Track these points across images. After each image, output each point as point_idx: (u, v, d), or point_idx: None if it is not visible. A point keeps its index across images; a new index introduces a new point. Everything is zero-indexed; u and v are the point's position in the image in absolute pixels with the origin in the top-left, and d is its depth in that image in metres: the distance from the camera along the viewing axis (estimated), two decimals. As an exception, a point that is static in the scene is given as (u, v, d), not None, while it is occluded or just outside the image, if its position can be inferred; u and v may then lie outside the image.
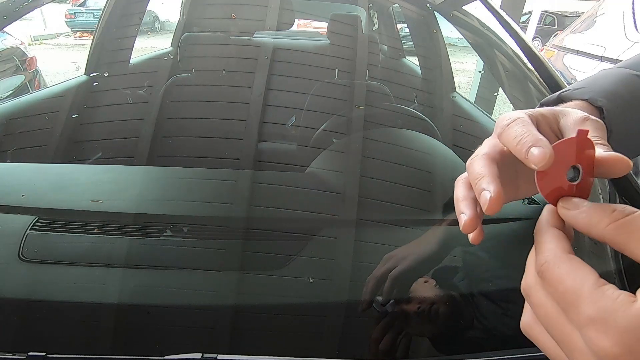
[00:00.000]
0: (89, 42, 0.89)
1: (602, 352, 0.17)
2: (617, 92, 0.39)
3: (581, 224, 0.22)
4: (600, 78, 0.41)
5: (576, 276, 0.20)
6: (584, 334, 0.18)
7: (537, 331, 0.22)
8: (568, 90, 0.40)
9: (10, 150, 0.63)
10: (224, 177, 0.61)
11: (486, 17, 0.93)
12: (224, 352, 0.39)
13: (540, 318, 0.21)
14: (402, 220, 0.56)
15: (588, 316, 0.18)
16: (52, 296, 0.47)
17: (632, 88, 0.40)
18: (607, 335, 0.17)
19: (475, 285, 0.51)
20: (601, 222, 0.21)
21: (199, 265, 0.51)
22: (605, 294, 0.18)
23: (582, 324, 0.18)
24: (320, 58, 0.92)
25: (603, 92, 0.39)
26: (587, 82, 0.41)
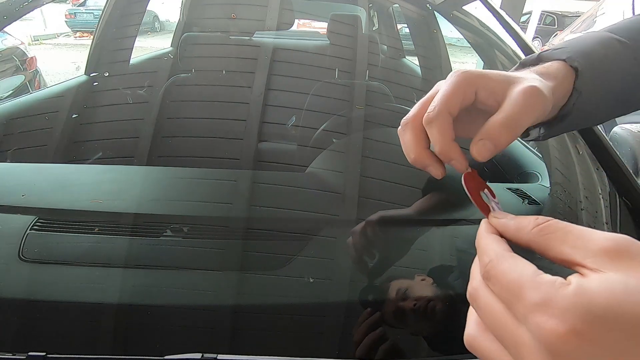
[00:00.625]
0: (89, 42, 0.89)
1: (548, 334, 0.18)
2: (594, 54, 0.39)
3: (511, 230, 0.24)
4: (582, 39, 0.41)
5: (517, 268, 0.21)
6: (530, 322, 0.19)
7: (482, 341, 0.23)
8: (548, 50, 0.39)
9: (10, 150, 0.63)
10: (224, 177, 0.61)
11: (486, 17, 0.93)
12: (224, 352, 0.39)
13: (486, 321, 0.22)
14: (402, 221, 0.56)
15: (532, 302, 0.19)
16: (52, 296, 0.47)
17: (610, 51, 0.40)
18: (552, 317, 0.18)
19: (453, 283, 0.51)
20: (527, 226, 0.23)
21: (199, 265, 0.51)
22: (545, 280, 0.20)
23: (528, 311, 0.19)
24: (320, 58, 0.92)
25: (581, 52, 0.38)
26: (569, 43, 0.40)
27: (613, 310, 0.18)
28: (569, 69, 0.37)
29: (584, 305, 0.18)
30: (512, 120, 0.29)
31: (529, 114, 0.29)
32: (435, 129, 0.30)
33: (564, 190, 0.64)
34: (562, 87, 0.36)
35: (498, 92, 0.30)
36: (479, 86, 0.31)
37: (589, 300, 0.18)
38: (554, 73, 0.36)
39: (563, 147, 0.70)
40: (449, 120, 0.30)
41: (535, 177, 0.69)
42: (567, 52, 0.38)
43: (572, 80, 0.37)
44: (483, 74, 0.32)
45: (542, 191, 0.65)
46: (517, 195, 0.64)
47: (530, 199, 0.62)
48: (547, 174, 0.67)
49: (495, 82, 0.31)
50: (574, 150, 0.68)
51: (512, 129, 0.29)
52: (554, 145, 0.70)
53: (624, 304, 0.18)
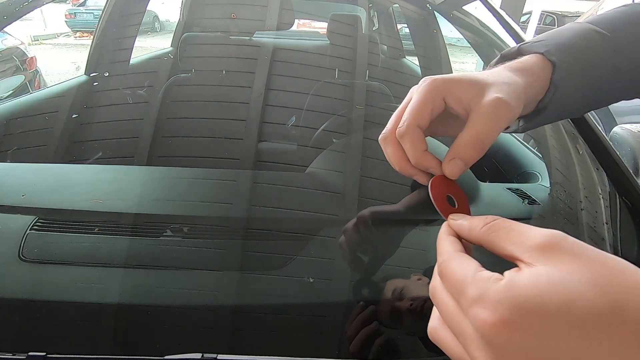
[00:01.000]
0: (89, 42, 0.89)
1: (482, 325, 0.20)
2: (574, 46, 0.39)
3: (465, 230, 0.26)
4: (563, 31, 0.41)
5: (462, 267, 0.23)
6: (469, 315, 0.21)
7: (442, 334, 0.24)
8: (528, 42, 0.39)
9: (10, 150, 0.63)
10: (224, 177, 0.61)
11: (486, 17, 0.93)
12: (224, 352, 0.39)
13: (443, 315, 0.24)
14: (402, 221, 0.56)
15: (471, 297, 0.21)
16: (52, 296, 0.47)
17: (590, 43, 0.40)
18: (485, 309, 0.20)
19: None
20: (477, 226, 0.25)
21: (199, 265, 0.51)
22: (482, 276, 0.22)
23: (468, 305, 0.21)
24: (320, 58, 0.92)
25: (560, 45, 0.38)
26: (549, 35, 0.40)
27: (536, 301, 0.19)
28: (546, 63, 0.37)
29: (512, 297, 0.20)
30: (479, 139, 0.30)
31: (495, 129, 0.30)
32: (407, 143, 0.32)
33: (564, 190, 0.64)
34: (539, 81, 0.36)
35: (465, 100, 0.32)
36: (447, 94, 0.32)
37: (516, 293, 0.20)
38: (530, 68, 0.36)
39: (563, 147, 0.70)
40: (419, 133, 0.32)
41: (535, 177, 0.69)
42: (546, 46, 0.38)
43: (549, 74, 0.37)
44: (450, 80, 0.33)
45: (542, 191, 0.65)
46: (517, 195, 0.64)
47: (530, 199, 0.62)
48: (547, 174, 0.67)
49: (462, 90, 0.32)
50: (574, 150, 0.68)
51: (480, 146, 0.30)
52: (554, 145, 0.70)
53: (546, 294, 0.19)
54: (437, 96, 0.32)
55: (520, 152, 0.80)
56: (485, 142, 0.30)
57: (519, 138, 0.85)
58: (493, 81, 0.32)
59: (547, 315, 0.18)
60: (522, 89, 0.33)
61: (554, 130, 0.73)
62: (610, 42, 0.40)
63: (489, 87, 0.31)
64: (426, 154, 0.32)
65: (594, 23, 0.42)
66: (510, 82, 0.33)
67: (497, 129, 0.30)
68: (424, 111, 0.32)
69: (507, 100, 0.30)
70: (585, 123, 0.69)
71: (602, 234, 0.61)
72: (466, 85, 0.32)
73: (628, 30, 0.41)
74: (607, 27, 0.41)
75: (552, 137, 0.72)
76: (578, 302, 0.18)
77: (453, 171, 0.31)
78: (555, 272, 0.19)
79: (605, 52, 0.40)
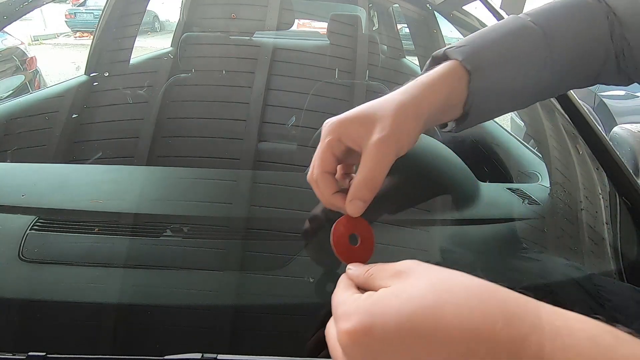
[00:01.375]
0: (89, 42, 0.89)
1: (340, 334, 0.24)
2: (499, 47, 0.40)
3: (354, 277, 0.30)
4: (493, 30, 0.42)
5: (342, 294, 0.27)
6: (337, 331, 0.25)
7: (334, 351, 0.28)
8: (452, 47, 0.40)
9: (10, 150, 0.63)
10: (224, 177, 0.61)
11: (486, 17, 0.93)
12: (224, 352, 0.39)
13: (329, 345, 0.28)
14: (402, 221, 0.56)
15: (339, 315, 0.25)
16: (52, 296, 0.47)
17: (519, 41, 0.40)
18: (345, 320, 0.24)
19: None
20: (361, 274, 0.29)
21: (199, 265, 0.51)
22: (353, 297, 0.26)
23: (337, 324, 0.25)
24: (320, 58, 0.92)
25: (482, 49, 0.39)
26: (476, 37, 0.41)
27: (380, 308, 0.23)
28: (464, 71, 0.38)
29: (363, 306, 0.24)
30: (370, 181, 0.33)
31: (382, 169, 0.34)
32: (317, 188, 0.36)
33: (564, 190, 0.64)
34: (458, 90, 0.38)
35: (357, 140, 0.35)
36: (341, 136, 0.35)
37: (368, 302, 0.24)
38: (447, 78, 0.38)
39: (563, 147, 0.70)
40: (326, 177, 0.36)
41: (535, 177, 0.69)
42: (464, 53, 0.38)
43: (467, 82, 0.38)
44: (342, 123, 0.35)
45: (542, 191, 0.65)
46: (517, 195, 0.64)
47: (530, 199, 0.62)
48: (547, 174, 0.67)
49: (353, 131, 0.35)
50: (574, 150, 0.68)
51: (372, 186, 0.34)
52: (554, 145, 0.70)
53: (388, 300, 0.23)
54: (334, 141, 0.36)
55: (520, 152, 0.80)
56: (376, 182, 0.34)
57: (519, 138, 0.85)
58: (382, 115, 0.34)
59: (390, 321, 0.22)
60: (422, 108, 0.36)
61: (554, 130, 0.73)
62: (543, 36, 0.40)
63: (375, 125, 0.34)
64: (335, 196, 0.35)
65: (530, 15, 0.42)
66: (404, 108, 0.35)
67: (385, 167, 0.34)
68: (326, 158, 0.36)
69: (389, 139, 0.33)
70: (585, 123, 0.69)
71: (602, 234, 0.61)
72: (356, 125, 0.35)
73: (561, 23, 0.42)
74: (542, 20, 0.41)
75: (552, 137, 0.72)
76: (411, 304, 0.22)
77: (355, 211, 0.34)
78: (400, 286, 0.24)
79: (536, 47, 0.40)
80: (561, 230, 0.61)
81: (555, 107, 0.74)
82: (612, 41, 0.43)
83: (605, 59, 0.44)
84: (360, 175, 0.34)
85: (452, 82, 0.38)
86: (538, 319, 0.20)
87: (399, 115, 0.34)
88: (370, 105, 0.36)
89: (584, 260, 0.57)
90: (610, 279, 0.56)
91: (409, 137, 0.35)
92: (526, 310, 0.21)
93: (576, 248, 0.59)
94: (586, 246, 0.58)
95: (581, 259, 0.57)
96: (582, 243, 0.59)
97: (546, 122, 0.75)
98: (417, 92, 0.36)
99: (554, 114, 0.75)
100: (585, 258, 0.57)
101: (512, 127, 1.90)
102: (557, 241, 0.60)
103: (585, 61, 0.43)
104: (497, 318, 0.20)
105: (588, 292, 0.52)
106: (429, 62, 0.42)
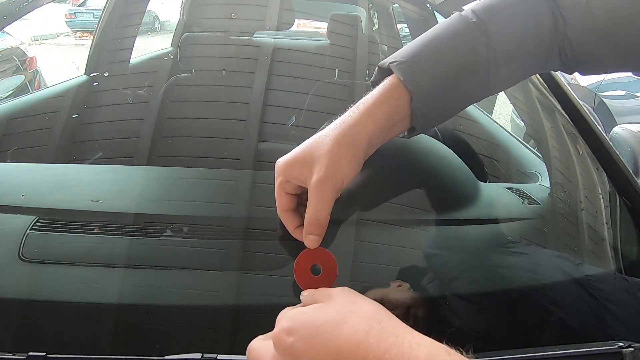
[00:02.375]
0: (89, 42, 0.89)
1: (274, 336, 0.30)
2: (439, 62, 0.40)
3: (303, 298, 0.36)
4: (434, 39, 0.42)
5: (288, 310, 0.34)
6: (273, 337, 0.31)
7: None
8: (396, 61, 0.40)
9: (10, 150, 0.63)
10: (224, 177, 0.61)
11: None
12: (224, 352, 0.39)
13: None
14: (402, 220, 0.56)
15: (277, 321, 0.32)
16: (52, 296, 0.47)
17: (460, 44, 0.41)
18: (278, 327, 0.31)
19: (447, 285, 0.51)
20: (308, 296, 0.35)
21: (199, 265, 0.51)
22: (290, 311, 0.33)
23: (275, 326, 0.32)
24: (320, 58, 0.92)
25: (423, 66, 0.40)
26: (417, 50, 0.41)
27: (300, 317, 0.30)
28: (406, 89, 0.39)
29: (291, 316, 0.31)
30: (317, 219, 0.37)
31: (325, 206, 0.37)
32: (283, 222, 0.41)
33: (564, 190, 0.64)
34: (402, 106, 0.40)
35: (302, 179, 0.38)
36: (288, 178, 0.39)
37: (296, 313, 0.31)
38: (390, 100, 0.39)
39: (563, 147, 0.70)
40: (286, 215, 0.40)
41: (535, 177, 0.69)
42: (405, 72, 0.39)
43: (409, 99, 0.39)
44: (286, 165, 0.39)
45: (542, 191, 0.65)
46: (517, 195, 0.64)
47: (530, 199, 0.62)
48: (547, 174, 0.67)
49: (296, 172, 0.38)
50: (574, 150, 0.68)
51: (320, 223, 0.37)
52: (553, 145, 0.70)
53: (307, 313, 0.30)
54: (284, 182, 0.39)
55: (520, 152, 0.80)
56: (322, 219, 0.37)
57: (519, 138, 0.85)
58: (319, 155, 0.37)
59: (302, 323, 0.29)
60: (360, 138, 0.38)
61: (554, 130, 0.73)
62: (487, 39, 0.41)
63: (314, 165, 0.37)
64: (297, 230, 0.40)
65: (476, 13, 0.42)
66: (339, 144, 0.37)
67: (328, 205, 0.37)
68: (281, 199, 0.40)
69: (326, 179, 0.36)
70: (585, 123, 0.69)
71: (602, 234, 0.61)
72: (298, 166, 0.38)
73: (507, 20, 0.42)
74: (486, 17, 0.42)
75: (552, 137, 0.72)
76: (321, 318, 0.29)
77: (311, 244, 0.38)
78: (322, 305, 0.31)
79: (479, 54, 0.41)
80: (561, 230, 0.61)
81: (555, 107, 0.74)
82: (556, 36, 0.43)
83: (549, 54, 0.44)
84: (307, 214, 0.37)
85: (394, 102, 0.39)
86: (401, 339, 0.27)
87: (333, 155, 0.37)
88: (310, 144, 0.39)
89: (583, 260, 0.57)
90: (599, 269, 0.56)
91: (347, 170, 0.38)
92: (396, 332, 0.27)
93: (576, 248, 0.59)
94: (586, 246, 0.59)
95: (581, 259, 0.57)
96: (582, 243, 0.59)
97: (546, 122, 0.75)
98: (355, 122, 0.38)
99: (554, 114, 0.75)
100: (585, 258, 0.58)
101: (512, 127, 1.90)
102: (557, 241, 0.60)
103: (530, 57, 0.44)
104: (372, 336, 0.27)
105: (580, 284, 0.52)
106: (376, 72, 0.43)
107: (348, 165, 0.38)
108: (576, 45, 0.43)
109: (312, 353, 0.27)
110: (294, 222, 0.40)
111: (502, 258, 0.56)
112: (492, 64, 0.41)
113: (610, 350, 0.41)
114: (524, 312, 0.52)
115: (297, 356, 0.28)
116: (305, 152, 0.38)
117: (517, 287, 0.53)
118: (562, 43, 0.44)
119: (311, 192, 0.37)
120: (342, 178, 0.37)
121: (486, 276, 0.53)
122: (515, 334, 0.49)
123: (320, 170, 0.36)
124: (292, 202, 0.40)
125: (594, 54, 0.44)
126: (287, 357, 0.29)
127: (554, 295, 0.52)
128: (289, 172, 0.39)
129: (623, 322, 0.50)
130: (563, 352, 0.41)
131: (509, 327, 0.50)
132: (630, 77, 2.91)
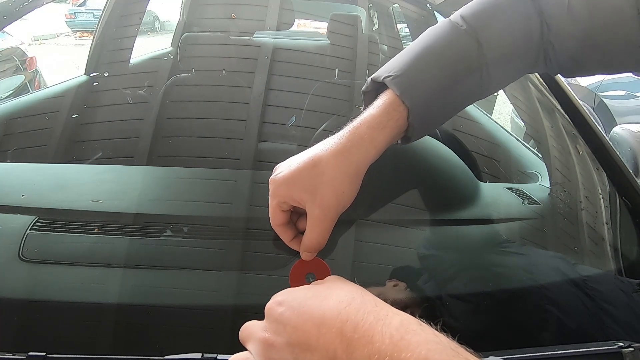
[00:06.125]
0: (89, 42, 0.89)
1: (267, 310, 0.32)
2: (433, 74, 0.41)
3: None
4: (425, 48, 0.42)
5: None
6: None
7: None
8: (390, 75, 0.40)
9: (10, 150, 0.63)
10: (224, 177, 0.61)
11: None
12: (224, 352, 0.39)
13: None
14: (402, 220, 0.56)
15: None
16: (52, 296, 0.47)
17: (454, 51, 0.42)
18: (270, 301, 0.33)
19: (443, 285, 0.51)
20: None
21: (199, 265, 0.51)
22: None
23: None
24: (320, 58, 0.92)
25: (418, 78, 0.40)
26: (409, 62, 0.41)
27: (293, 293, 0.32)
28: (403, 103, 0.39)
29: (284, 292, 0.33)
30: (316, 243, 0.39)
31: (325, 233, 0.38)
32: (279, 235, 0.41)
33: (564, 190, 0.64)
34: (399, 121, 0.40)
35: (300, 202, 0.38)
36: (286, 199, 0.39)
37: (287, 290, 0.33)
38: (390, 119, 0.39)
39: (563, 147, 0.70)
40: (281, 229, 0.41)
41: (535, 177, 0.69)
42: (401, 86, 0.39)
43: (407, 113, 0.40)
44: (285, 186, 0.39)
45: (542, 191, 0.65)
46: (517, 195, 0.64)
47: (530, 199, 0.62)
48: (547, 174, 0.67)
49: (297, 195, 0.38)
50: (574, 150, 0.68)
51: (318, 245, 0.39)
52: (553, 145, 0.70)
53: (298, 292, 0.32)
54: (281, 202, 0.39)
55: (520, 152, 0.80)
56: (321, 244, 0.39)
57: (519, 138, 0.85)
58: (321, 183, 0.37)
59: (293, 296, 0.32)
60: (360, 167, 0.39)
61: (554, 130, 0.73)
62: (478, 45, 0.41)
63: (316, 194, 0.37)
64: (293, 241, 0.41)
65: (465, 18, 0.42)
66: (342, 174, 0.38)
67: (328, 233, 0.39)
68: (276, 216, 0.40)
69: (330, 212, 0.38)
70: (585, 123, 0.69)
71: (602, 234, 0.61)
72: (297, 191, 0.38)
73: (497, 24, 0.43)
74: (475, 22, 0.42)
75: (552, 137, 0.72)
76: (309, 294, 0.31)
77: (307, 258, 0.40)
78: (312, 286, 0.33)
79: (471, 61, 0.41)
80: (561, 230, 0.61)
81: (555, 107, 0.74)
82: (542, 40, 0.44)
83: (537, 57, 0.45)
84: (306, 238, 0.39)
85: (394, 124, 0.40)
86: (379, 308, 0.28)
87: (337, 186, 0.38)
88: (309, 166, 0.38)
89: (583, 260, 0.57)
90: (594, 269, 0.56)
91: (349, 199, 0.39)
92: (375, 303, 0.29)
93: (576, 248, 0.59)
94: (586, 246, 0.59)
95: (581, 259, 0.57)
96: (582, 243, 0.59)
97: (546, 122, 0.75)
98: (357, 148, 0.39)
99: (554, 114, 0.75)
100: (585, 258, 0.58)
101: (512, 127, 1.90)
102: (557, 241, 0.60)
103: (519, 60, 0.45)
104: (354, 305, 0.29)
105: (577, 285, 0.52)
106: (369, 83, 0.43)
107: (350, 195, 0.39)
108: (559, 50, 0.44)
109: (299, 320, 0.29)
110: (289, 235, 0.41)
111: (502, 258, 0.56)
112: (483, 69, 0.41)
113: (610, 350, 0.41)
114: (524, 313, 0.52)
115: (285, 323, 0.30)
116: (304, 175, 0.38)
117: (517, 287, 0.53)
118: (546, 47, 0.44)
119: (313, 222, 0.38)
120: (344, 207, 0.39)
121: (486, 276, 0.53)
122: (515, 334, 0.49)
123: (322, 201, 0.37)
124: (287, 217, 0.41)
125: (576, 58, 0.44)
126: (275, 325, 0.30)
127: (553, 295, 0.52)
128: (287, 194, 0.39)
129: (621, 322, 0.50)
130: (563, 352, 0.41)
131: (509, 327, 0.50)
132: (630, 77, 2.90)
